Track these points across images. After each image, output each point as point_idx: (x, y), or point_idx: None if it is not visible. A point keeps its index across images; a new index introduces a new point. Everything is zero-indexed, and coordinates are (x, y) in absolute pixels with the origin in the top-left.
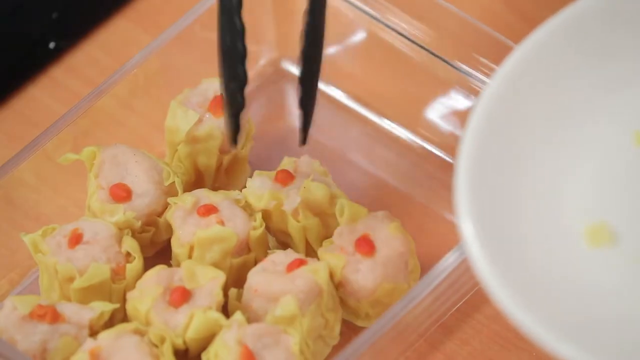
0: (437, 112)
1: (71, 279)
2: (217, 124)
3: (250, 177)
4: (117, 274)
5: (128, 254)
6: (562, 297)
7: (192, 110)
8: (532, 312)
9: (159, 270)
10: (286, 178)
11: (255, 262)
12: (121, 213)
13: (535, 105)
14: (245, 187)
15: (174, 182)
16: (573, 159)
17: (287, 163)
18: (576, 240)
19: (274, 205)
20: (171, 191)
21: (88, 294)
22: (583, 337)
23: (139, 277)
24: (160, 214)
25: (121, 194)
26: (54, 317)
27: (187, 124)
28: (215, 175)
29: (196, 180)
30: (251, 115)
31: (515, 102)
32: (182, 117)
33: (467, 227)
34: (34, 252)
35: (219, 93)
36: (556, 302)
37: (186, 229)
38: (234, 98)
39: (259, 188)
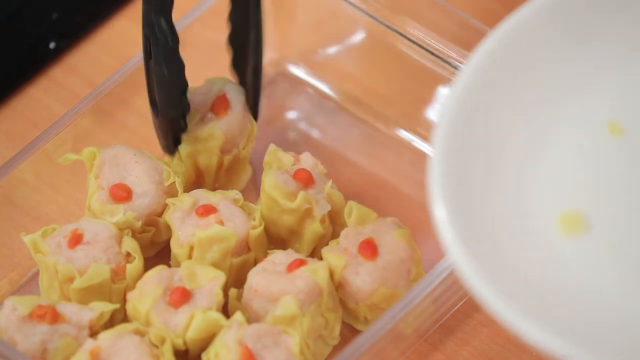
0: (436, 112)
1: (71, 279)
2: (219, 124)
3: (251, 177)
4: (117, 274)
5: (128, 254)
6: (535, 282)
7: (193, 109)
8: (507, 299)
9: (159, 270)
10: (308, 180)
11: (255, 261)
12: (121, 213)
13: (510, 89)
14: (242, 187)
15: (174, 182)
16: (547, 145)
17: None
18: (549, 228)
19: (305, 210)
20: (171, 191)
21: (88, 295)
22: (550, 317)
23: (139, 277)
24: (160, 214)
25: (121, 194)
26: (54, 317)
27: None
28: (215, 175)
29: (196, 180)
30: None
31: (490, 87)
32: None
33: (440, 215)
34: (34, 253)
35: (221, 93)
36: (530, 287)
37: (185, 229)
38: (176, 122)
39: (285, 185)
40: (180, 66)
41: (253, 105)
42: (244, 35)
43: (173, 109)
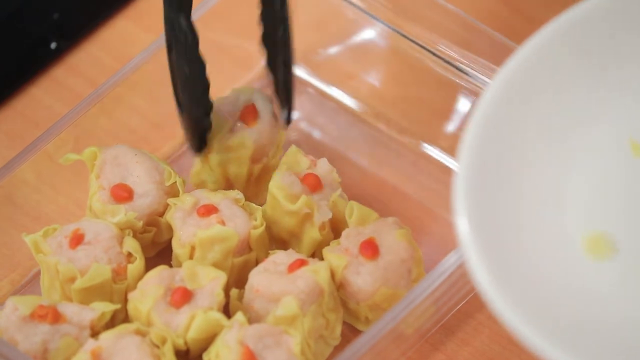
0: (437, 112)
1: (72, 280)
2: (249, 133)
3: None
4: (118, 274)
5: (129, 255)
6: (558, 303)
7: (223, 118)
8: (525, 316)
9: (160, 270)
10: (316, 185)
11: (257, 261)
12: (122, 213)
13: (535, 109)
14: None
15: (175, 182)
16: (572, 165)
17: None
18: (575, 249)
19: (305, 214)
20: (172, 191)
21: (89, 295)
22: (578, 344)
23: (140, 277)
24: (161, 214)
25: (122, 194)
26: (55, 317)
27: (219, 132)
28: (245, 184)
29: (226, 189)
30: None
31: (514, 106)
32: (213, 125)
33: (463, 227)
34: (35, 253)
35: (250, 102)
36: (552, 307)
37: (186, 229)
38: (200, 121)
39: (289, 187)
40: (201, 65)
41: (286, 102)
42: (274, 33)
43: (196, 107)
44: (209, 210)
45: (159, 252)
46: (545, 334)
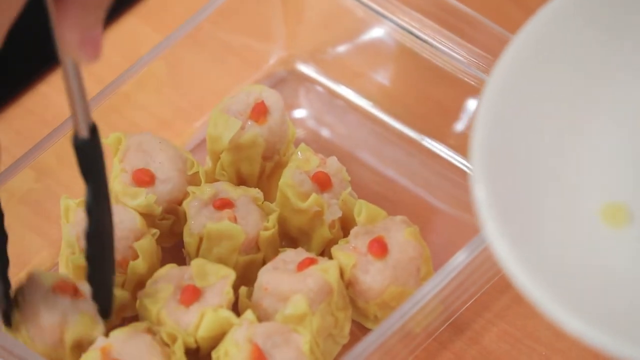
0: (446, 111)
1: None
2: (260, 131)
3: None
4: (119, 265)
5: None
6: (574, 270)
7: (234, 118)
8: (542, 281)
9: (168, 269)
10: (326, 184)
11: (264, 262)
12: (143, 196)
13: (550, 77)
14: None
15: (197, 172)
16: (589, 134)
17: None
18: (592, 218)
19: (315, 212)
20: (194, 181)
21: (83, 274)
22: (590, 310)
23: (138, 279)
24: (181, 203)
25: (144, 178)
26: (76, 292)
27: (230, 132)
28: (257, 182)
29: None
30: None
31: (532, 73)
32: (224, 125)
33: (480, 194)
34: (63, 218)
35: (259, 100)
36: (567, 273)
37: (198, 219)
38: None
39: (300, 185)
40: (3, 240)
41: (104, 313)
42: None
43: None
44: (224, 204)
45: (176, 243)
46: (563, 300)
